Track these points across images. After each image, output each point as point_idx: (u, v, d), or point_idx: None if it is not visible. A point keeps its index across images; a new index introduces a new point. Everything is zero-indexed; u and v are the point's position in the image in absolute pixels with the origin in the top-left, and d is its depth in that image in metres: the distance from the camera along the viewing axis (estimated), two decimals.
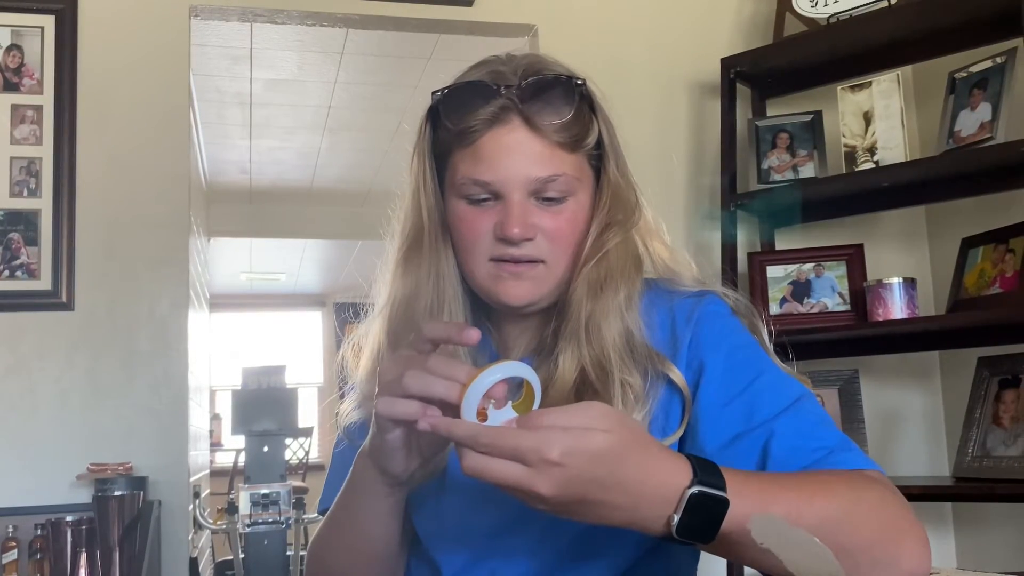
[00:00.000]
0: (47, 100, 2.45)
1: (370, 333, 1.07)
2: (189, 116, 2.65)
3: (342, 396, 1.11)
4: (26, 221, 2.40)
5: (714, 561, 1.00)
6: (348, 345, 1.10)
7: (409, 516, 1.02)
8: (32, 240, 2.40)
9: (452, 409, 0.80)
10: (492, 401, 0.79)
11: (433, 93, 0.99)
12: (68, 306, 2.40)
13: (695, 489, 0.75)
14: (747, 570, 2.27)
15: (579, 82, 0.98)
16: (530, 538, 0.96)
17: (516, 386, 0.82)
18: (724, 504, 0.76)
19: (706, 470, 0.77)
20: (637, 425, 0.83)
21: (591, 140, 0.99)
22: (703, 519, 0.75)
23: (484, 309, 1.05)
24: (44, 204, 2.41)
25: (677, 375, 0.96)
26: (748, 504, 0.77)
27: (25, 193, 2.41)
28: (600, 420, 0.74)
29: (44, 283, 2.39)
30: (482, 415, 0.78)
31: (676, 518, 0.75)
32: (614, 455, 0.74)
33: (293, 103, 4.37)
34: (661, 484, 0.75)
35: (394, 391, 0.83)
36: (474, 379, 0.78)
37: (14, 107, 2.43)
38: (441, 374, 0.81)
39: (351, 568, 1.01)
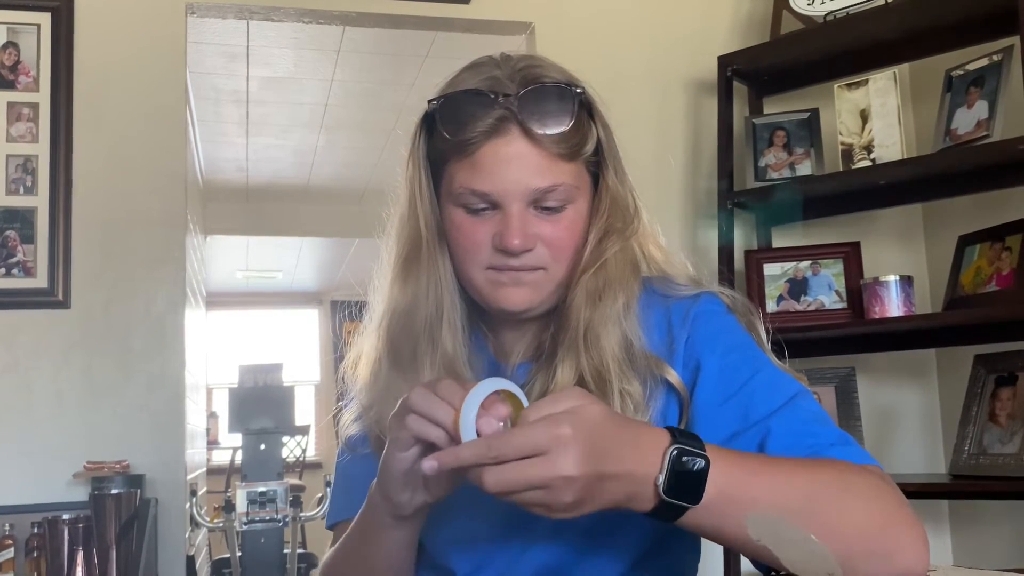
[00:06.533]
0: (43, 98, 2.44)
1: (368, 344, 1.06)
2: (185, 114, 2.64)
3: (340, 409, 1.10)
4: (22, 219, 2.40)
5: (712, 563, 1.00)
6: (348, 358, 1.09)
7: None
8: (28, 238, 2.40)
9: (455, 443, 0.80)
10: (499, 423, 0.79)
11: (429, 101, 0.98)
12: (64, 304, 2.40)
13: (674, 448, 0.77)
14: (744, 567, 2.27)
15: (578, 90, 0.96)
16: (536, 538, 0.96)
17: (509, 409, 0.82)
18: (705, 461, 0.77)
19: (684, 434, 0.79)
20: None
21: (589, 148, 0.98)
22: (686, 478, 0.77)
23: (482, 315, 1.05)
24: (40, 202, 2.41)
25: (675, 377, 0.96)
26: (729, 467, 0.79)
27: (21, 191, 2.41)
28: (582, 397, 0.78)
29: (40, 281, 2.39)
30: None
31: (661, 478, 0.77)
32: (608, 423, 0.77)
33: (290, 101, 4.36)
34: (647, 446, 0.78)
35: (403, 412, 0.83)
36: (462, 404, 0.78)
37: (10, 104, 2.43)
38: (444, 398, 0.81)
39: None
